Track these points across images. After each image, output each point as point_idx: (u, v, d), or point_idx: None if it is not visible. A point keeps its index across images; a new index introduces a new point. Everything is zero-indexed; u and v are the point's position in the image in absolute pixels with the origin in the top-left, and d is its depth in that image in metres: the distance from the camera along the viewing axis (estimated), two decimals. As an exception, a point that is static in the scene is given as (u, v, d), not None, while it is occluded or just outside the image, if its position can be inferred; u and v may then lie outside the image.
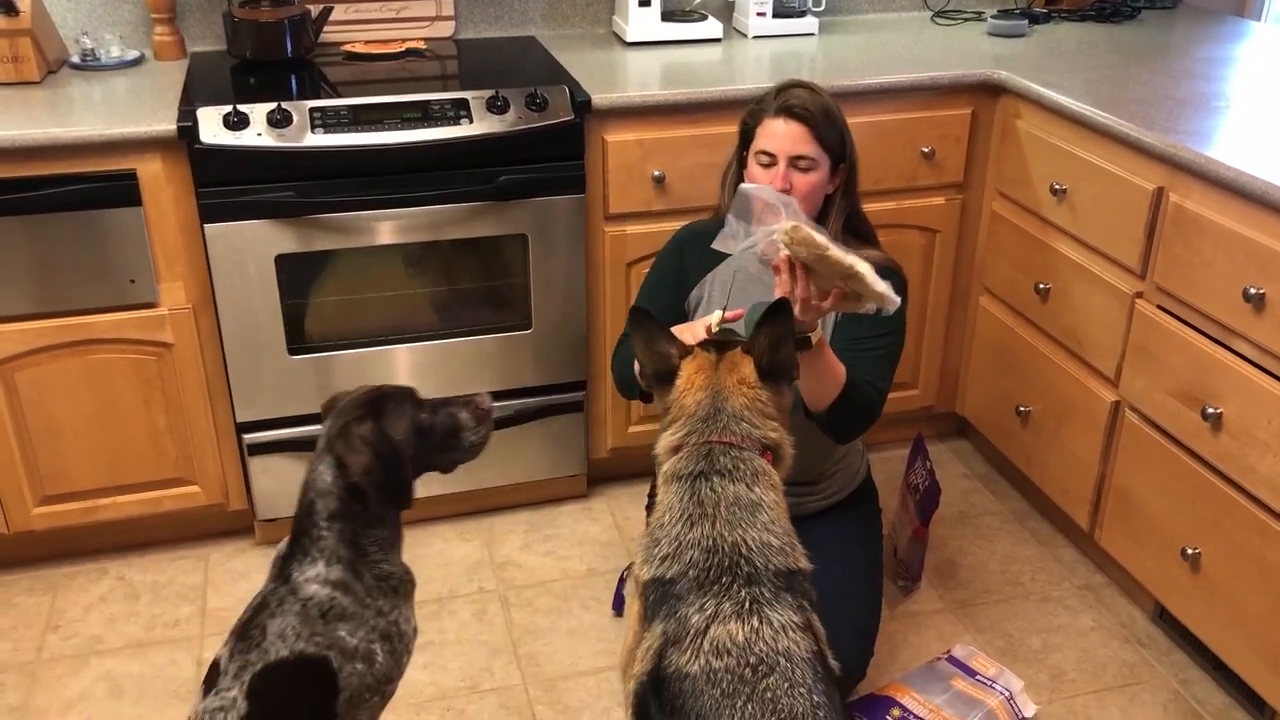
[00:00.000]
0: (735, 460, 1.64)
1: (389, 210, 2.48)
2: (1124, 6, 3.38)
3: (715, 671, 1.46)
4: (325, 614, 1.65)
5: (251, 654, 1.63)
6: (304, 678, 1.63)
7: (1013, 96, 2.72)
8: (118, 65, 2.73)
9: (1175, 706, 2.32)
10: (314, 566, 1.66)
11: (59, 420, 2.50)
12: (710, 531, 1.58)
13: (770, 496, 1.63)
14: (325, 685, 1.65)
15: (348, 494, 1.66)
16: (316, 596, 1.65)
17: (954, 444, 3.21)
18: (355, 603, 1.67)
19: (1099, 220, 2.46)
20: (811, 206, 2.12)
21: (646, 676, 1.53)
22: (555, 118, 2.51)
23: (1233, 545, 2.16)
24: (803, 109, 2.07)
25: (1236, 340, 2.12)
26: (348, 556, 1.67)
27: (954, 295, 2.98)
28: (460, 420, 1.77)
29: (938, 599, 2.62)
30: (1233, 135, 2.31)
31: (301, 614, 1.64)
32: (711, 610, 1.51)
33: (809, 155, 2.07)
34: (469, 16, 3.08)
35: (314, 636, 1.64)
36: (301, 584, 1.66)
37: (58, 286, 2.40)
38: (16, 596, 2.61)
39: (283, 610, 1.65)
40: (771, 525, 1.60)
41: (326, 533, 1.66)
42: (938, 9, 3.38)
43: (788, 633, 1.50)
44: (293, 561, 1.68)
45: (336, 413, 1.71)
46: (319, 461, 1.68)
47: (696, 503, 1.61)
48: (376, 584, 1.70)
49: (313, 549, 1.67)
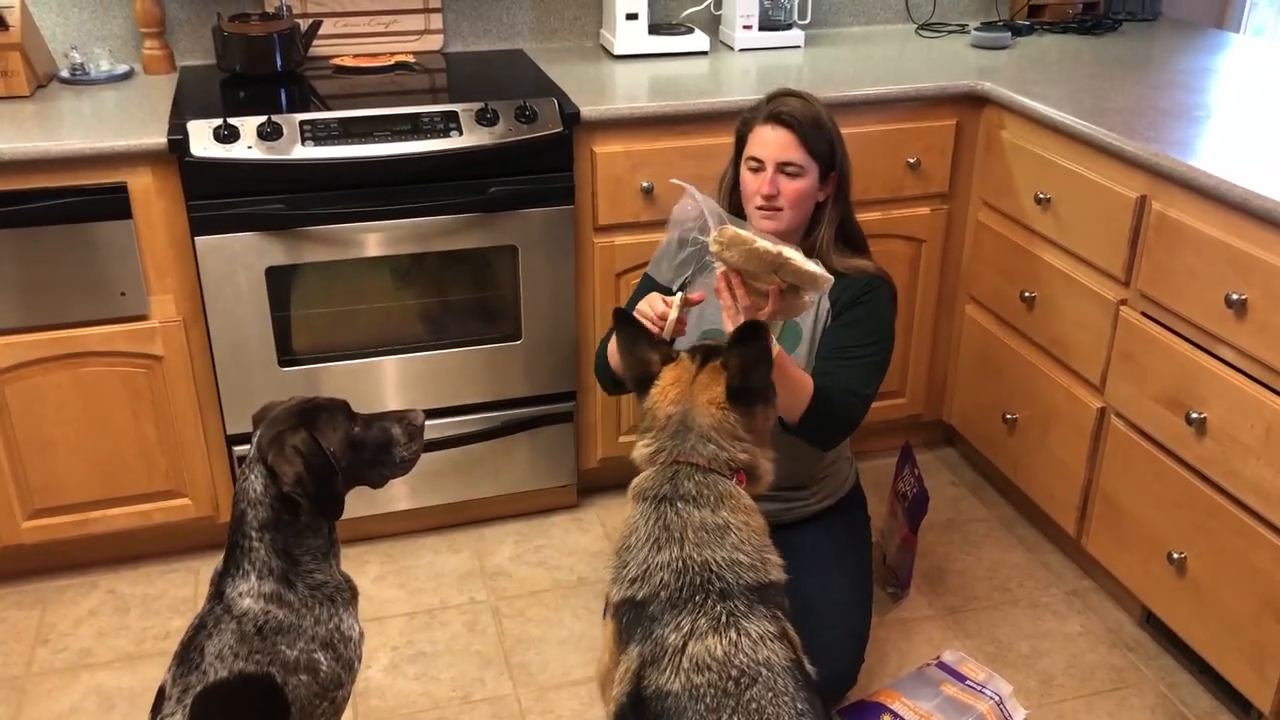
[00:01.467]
0: (700, 485, 1.64)
1: (379, 222, 2.49)
2: (1106, 18, 3.42)
3: (698, 687, 1.47)
4: (260, 629, 1.64)
5: (192, 676, 1.62)
6: (248, 697, 1.62)
7: (996, 107, 2.75)
8: (107, 79, 2.74)
9: (1163, 710, 2.34)
10: (245, 580, 1.65)
11: (49, 433, 2.50)
12: (679, 554, 1.59)
13: (738, 519, 1.63)
14: (272, 701, 1.64)
15: (279, 503, 1.65)
16: (251, 612, 1.64)
17: (941, 452, 3.23)
18: (291, 614, 1.66)
19: (1083, 229, 2.48)
20: (800, 213, 2.15)
21: (626, 698, 1.54)
22: (544, 130, 2.53)
23: (1218, 549, 2.18)
24: (791, 117, 2.10)
25: (1219, 346, 2.15)
26: (280, 568, 1.66)
27: (940, 304, 3.00)
28: (393, 435, 1.76)
29: (927, 605, 2.64)
30: (1214, 144, 2.34)
31: (238, 632, 1.63)
32: (688, 627, 1.53)
33: (796, 162, 2.10)
34: (457, 30, 3.09)
35: (253, 655, 1.63)
36: (235, 599, 1.65)
37: (48, 299, 2.40)
38: (6, 610, 2.60)
39: (219, 630, 1.64)
40: (741, 545, 1.61)
41: (258, 544, 1.65)
42: (922, 21, 3.41)
43: (766, 643, 1.52)
44: (226, 577, 1.67)
45: (269, 421, 1.70)
46: (250, 470, 1.67)
47: (662, 527, 1.62)
48: (311, 593, 1.69)
49: (244, 561, 1.66)
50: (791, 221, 2.15)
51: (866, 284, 2.17)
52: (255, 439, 1.69)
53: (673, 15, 3.20)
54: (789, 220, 2.15)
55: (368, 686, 2.38)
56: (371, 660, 2.45)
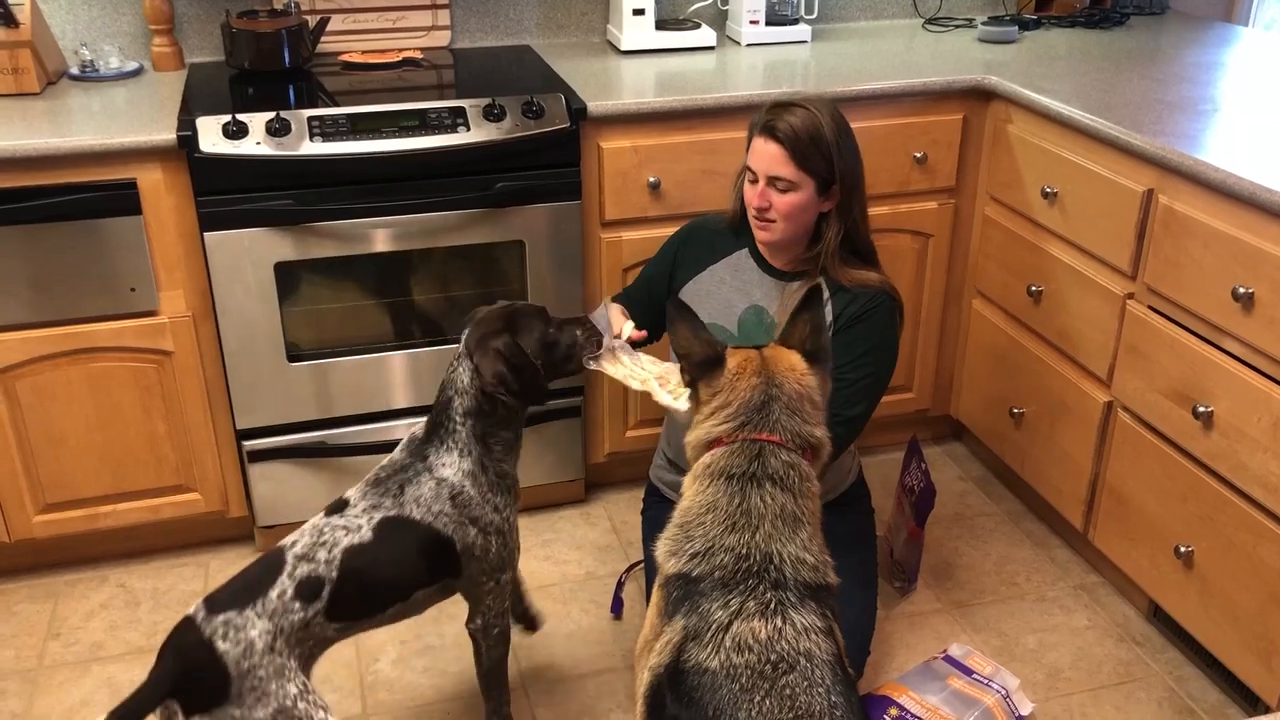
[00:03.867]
0: (785, 466, 1.61)
1: (387, 218, 2.50)
2: (1113, 12, 3.41)
3: (735, 667, 1.46)
4: (455, 498, 1.89)
5: (386, 500, 1.87)
6: (431, 546, 1.87)
7: (1004, 101, 2.75)
8: (117, 76, 2.76)
9: (1170, 703, 2.34)
10: (450, 454, 1.90)
11: (60, 428, 2.51)
12: (748, 540, 1.56)
13: (810, 507, 1.62)
14: (446, 560, 1.90)
15: (482, 395, 1.88)
16: (450, 480, 1.89)
17: (949, 446, 3.24)
18: (479, 495, 1.91)
19: (1090, 223, 2.48)
20: (795, 225, 2.13)
21: (664, 669, 1.53)
22: (551, 125, 2.53)
23: (1225, 542, 2.18)
24: (783, 132, 2.05)
25: (1226, 339, 2.15)
26: (478, 452, 1.91)
27: (947, 299, 3.01)
28: (577, 338, 1.98)
29: (934, 599, 2.64)
30: (1221, 138, 2.34)
31: (436, 490, 1.88)
32: (736, 606, 1.51)
33: (786, 177, 2.07)
34: (465, 26, 3.10)
35: (442, 514, 1.88)
36: (438, 466, 1.90)
37: (58, 295, 2.41)
38: (18, 604, 2.62)
39: (419, 481, 1.89)
40: (809, 543, 1.59)
41: (460, 427, 1.90)
42: (929, 16, 3.41)
43: (810, 635, 1.50)
44: (429, 446, 1.92)
45: (476, 323, 1.93)
46: (458, 364, 1.92)
47: (744, 511, 1.58)
48: (497, 481, 1.94)
49: (449, 439, 1.90)
50: (785, 233, 2.14)
51: (869, 299, 2.15)
52: (464, 338, 1.93)
53: (679, 10, 3.21)
54: (783, 232, 2.14)
55: (376, 679, 2.40)
56: (379, 654, 2.47)
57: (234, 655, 1.67)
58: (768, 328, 2.21)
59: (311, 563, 1.78)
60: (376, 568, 1.82)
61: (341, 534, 1.82)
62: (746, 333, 2.23)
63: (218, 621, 1.69)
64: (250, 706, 1.66)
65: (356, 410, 2.66)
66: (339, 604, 1.78)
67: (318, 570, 1.78)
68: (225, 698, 1.65)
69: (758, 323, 2.22)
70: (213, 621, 1.69)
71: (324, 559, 1.79)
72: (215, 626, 1.69)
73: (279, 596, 1.73)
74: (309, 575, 1.77)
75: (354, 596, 1.80)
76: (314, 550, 1.79)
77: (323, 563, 1.78)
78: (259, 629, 1.70)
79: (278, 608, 1.72)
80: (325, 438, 2.66)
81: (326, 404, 2.63)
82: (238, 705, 1.66)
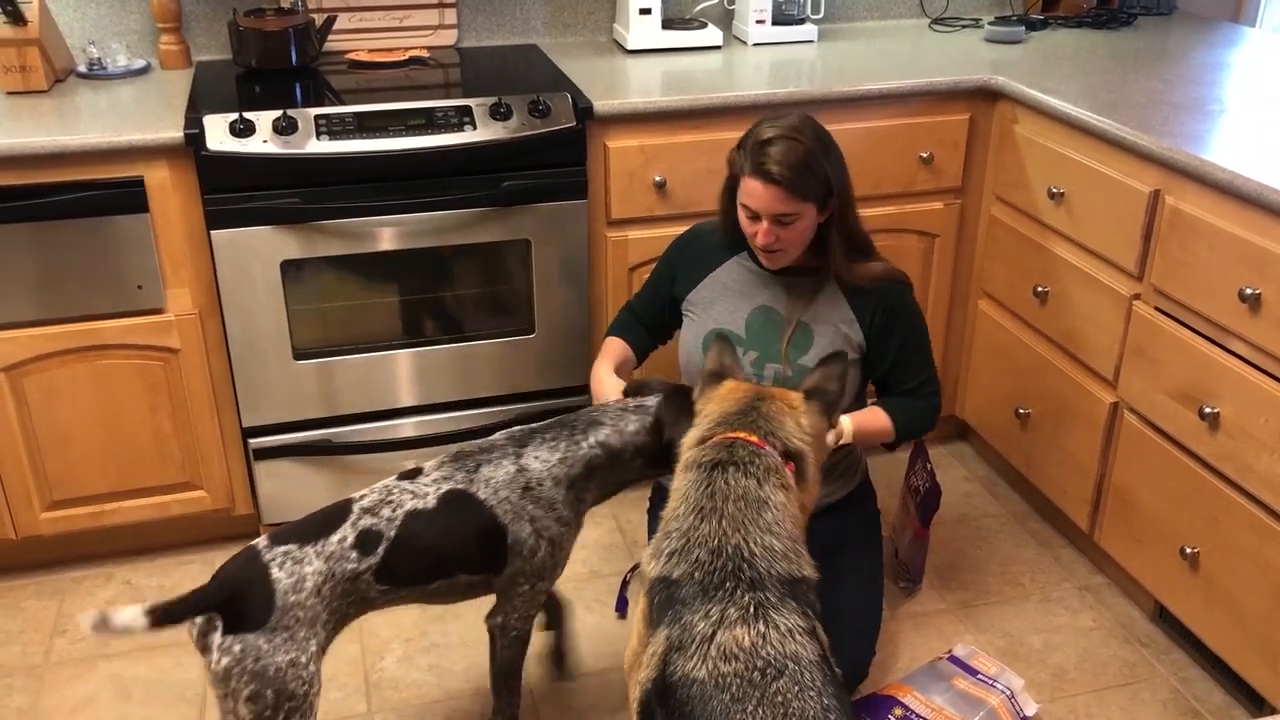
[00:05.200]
0: (752, 455, 1.66)
1: (393, 216, 2.50)
2: (1120, 13, 3.41)
3: (724, 676, 1.46)
4: (527, 489, 1.90)
5: (459, 475, 1.90)
6: (485, 531, 1.89)
7: (1010, 102, 2.75)
8: (124, 74, 2.76)
9: (1175, 705, 2.34)
10: (550, 454, 1.93)
11: (66, 425, 2.52)
12: (716, 529, 1.59)
13: (778, 497, 1.64)
14: (496, 548, 1.91)
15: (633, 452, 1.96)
16: (531, 469, 1.91)
17: (954, 447, 3.23)
18: (550, 497, 1.92)
19: (1096, 223, 2.48)
20: (802, 245, 2.15)
21: (651, 684, 1.53)
22: (558, 124, 2.54)
23: (1231, 544, 2.18)
24: (777, 172, 2.02)
25: (1233, 340, 2.15)
26: (578, 474, 1.94)
27: (953, 299, 3.00)
28: None
29: (939, 599, 2.64)
30: (1228, 138, 2.33)
31: (512, 477, 1.90)
32: (717, 616, 1.52)
33: (789, 213, 2.06)
34: (471, 25, 3.10)
35: (504, 502, 1.89)
36: (529, 455, 1.93)
37: (65, 292, 2.42)
38: (25, 601, 2.63)
39: (500, 463, 1.91)
40: (775, 527, 1.61)
41: (586, 450, 1.94)
42: (935, 16, 3.41)
43: (794, 636, 1.51)
44: (534, 438, 1.96)
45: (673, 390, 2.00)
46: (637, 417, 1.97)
47: (709, 494, 1.63)
48: (575, 500, 1.96)
49: (562, 444, 1.94)
50: (793, 256, 2.16)
51: (888, 291, 2.20)
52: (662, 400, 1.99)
53: (686, 10, 3.21)
54: (793, 255, 2.16)
55: (381, 677, 2.40)
56: (385, 651, 2.47)
57: (284, 585, 1.72)
58: (778, 325, 2.21)
59: (375, 517, 1.83)
60: (432, 536, 1.86)
61: (408, 497, 1.86)
62: (755, 334, 2.23)
63: (278, 550, 1.76)
64: (275, 645, 1.70)
65: (362, 408, 2.67)
66: (390, 564, 1.82)
67: (379, 525, 1.82)
68: (263, 625, 1.70)
69: (765, 322, 2.23)
70: (274, 550, 1.76)
71: (386, 516, 1.83)
72: (275, 555, 1.75)
73: (339, 542, 1.79)
74: (370, 528, 1.81)
75: (406, 560, 1.84)
76: (379, 507, 1.85)
77: (385, 519, 1.83)
78: (314, 567, 1.75)
79: (336, 552, 1.78)
80: (331, 435, 2.66)
81: (332, 402, 2.64)
82: (268, 638, 1.70)
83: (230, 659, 1.68)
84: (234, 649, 1.68)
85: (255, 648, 1.69)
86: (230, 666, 1.68)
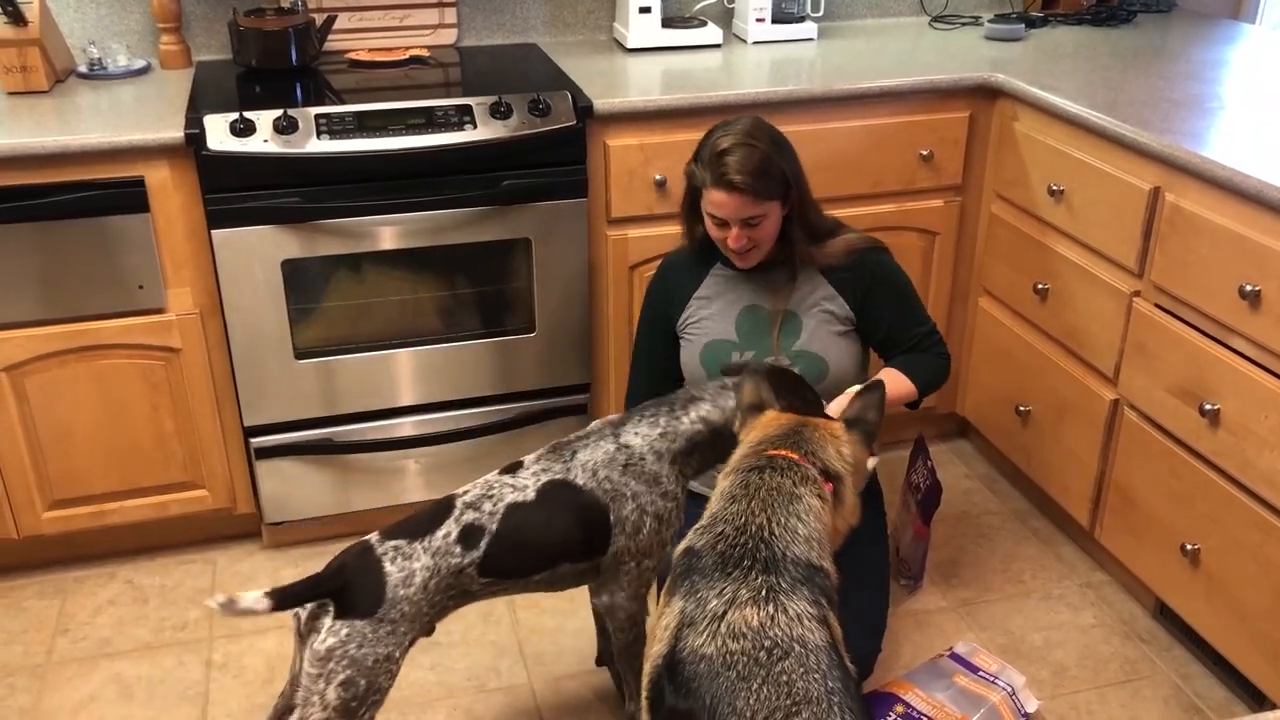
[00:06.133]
0: (791, 464, 1.69)
1: (394, 215, 2.51)
2: (1120, 10, 3.41)
3: (732, 654, 1.48)
4: (628, 464, 1.93)
5: (556, 465, 1.93)
6: (587, 514, 1.91)
7: (1010, 99, 2.75)
8: (124, 74, 2.77)
9: (1176, 701, 2.34)
10: (650, 429, 1.96)
11: (68, 425, 2.52)
12: (745, 509, 1.63)
13: (812, 501, 1.66)
14: (599, 530, 1.93)
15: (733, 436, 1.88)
16: (631, 444, 1.94)
17: (955, 444, 3.24)
18: (653, 471, 1.94)
19: (1096, 221, 2.48)
20: (771, 241, 2.18)
21: (662, 660, 1.55)
22: (558, 123, 2.54)
23: (1232, 541, 2.18)
24: (738, 180, 2.06)
25: (1233, 337, 2.15)
26: (680, 448, 1.96)
27: (954, 296, 3.01)
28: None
29: (940, 597, 2.64)
30: (1228, 136, 2.33)
31: (610, 456, 1.93)
32: (730, 595, 1.53)
33: (756, 215, 2.11)
34: (471, 24, 3.11)
35: (606, 480, 1.92)
36: (627, 433, 1.96)
37: (67, 292, 2.42)
38: (26, 600, 2.63)
39: (598, 445, 1.95)
40: (803, 515, 1.63)
41: (690, 425, 1.96)
42: (935, 13, 3.41)
43: (803, 621, 1.52)
44: (632, 418, 1.99)
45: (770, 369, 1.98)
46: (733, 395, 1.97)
47: (743, 485, 1.67)
48: (678, 476, 1.97)
49: (662, 419, 1.97)
50: (764, 252, 2.19)
51: (862, 260, 2.25)
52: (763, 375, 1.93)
53: (686, 9, 3.21)
54: (763, 253, 2.19)
55: (383, 676, 2.40)
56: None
57: (395, 579, 1.77)
58: (765, 321, 2.23)
59: (477, 511, 1.86)
60: (533, 528, 1.89)
61: (509, 490, 1.89)
62: (746, 334, 2.25)
63: (389, 545, 1.81)
64: (380, 636, 1.75)
65: (363, 407, 2.67)
66: (493, 557, 1.85)
67: (481, 520, 1.86)
68: (372, 613, 1.75)
69: (754, 321, 2.24)
70: (385, 544, 1.81)
71: (488, 510, 1.87)
72: (387, 549, 1.80)
73: (444, 537, 1.83)
74: (472, 523, 1.85)
75: (508, 553, 1.87)
76: (481, 501, 1.88)
77: (486, 514, 1.86)
78: (422, 563, 1.80)
79: (441, 547, 1.82)
80: (332, 434, 2.67)
81: (333, 401, 2.64)
82: (374, 627, 1.75)
83: (336, 640, 1.73)
84: (342, 632, 1.73)
85: (361, 634, 1.74)
86: (335, 647, 1.73)
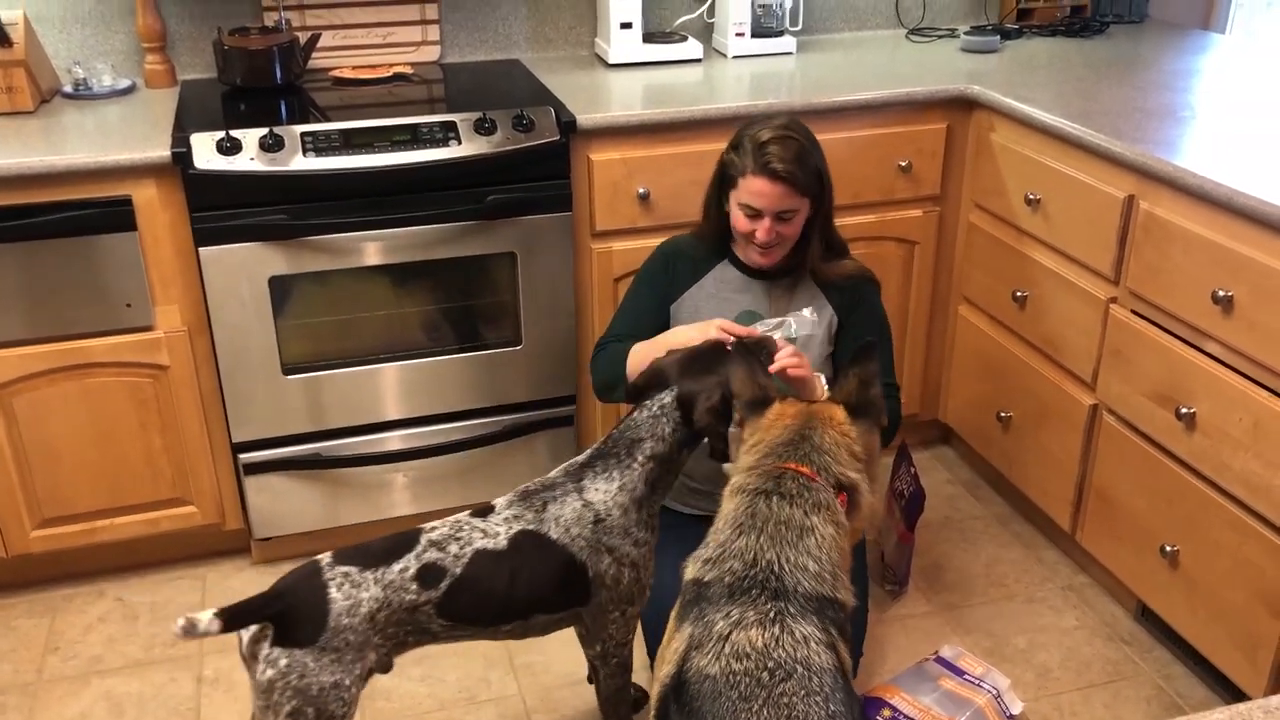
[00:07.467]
0: (801, 488, 1.64)
1: (380, 231, 2.52)
2: (1093, 21, 3.46)
3: (735, 674, 1.47)
4: (597, 521, 1.89)
5: (528, 514, 1.88)
6: (563, 569, 1.87)
7: (986, 110, 2.79)
8: (110, 94, 2.78)
9: (1158, 701, 2.37)
10: (609, 483, 1.91)
11: (56, 443, 2.53)
12: (754, 544, 1.59)
13: (826, 530, 1.62)
14: (578, 585, 1.89)
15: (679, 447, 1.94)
16: (596, 503, 1.89)
17: (937, 450, 3.27)
18: (624, 525, 1.90)
19: (1072, 228, 2.52)
20: (795, 239, 2.20)
21: (670, 680, 1.55)
22: (541, 138, 2.57)
23: (1209, 542, 2.22)
24: (783, 169, 2.09)
25: (1207, 342, 2.19)
26: (641, 493, 1.92)
27: (934, 305, 3.04)
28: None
29: (925, 602, 2.67)
30: (1200, 144, 2.38)
31: (579, 513, 1.88)
32: (736, 617, 1.53)
33: (791, 208, 2.14)
34: (454, 41, 3.13)
35: (579, 538, 1.87)
36: (590, 489, 1.91)
37: (54, 311, 2.43)
38: (16, 619, 2.63)
39: (564, 502, 1.90)
40: (814, 551, 1.60)
41: (639, 467, 1.92)
42: (912, 26, 3.45)
43: (809, 644, 1.51)
44: (589, 471, 1.93)
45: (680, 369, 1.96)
46: (664, 413, 1.93)
47: (749, 515, 1.63)
48: (647, 520, 1.94)
49: (615, 470, 1.92)
50: (787, 250, 2.22)
51: (855, 288, 2.28)
52: (676, 388, 1.94)
53: (666, 24, 3.24)
54: (786, 250, 2.22)
55: (373, 689, 2.41)
56: (378, 663, 2.48)
57: (340, 607, 1.72)
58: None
59: (441, 551, 1.80)
60: (501, 579, 1.83)
61: (478, 535, 1.84)
62: None
63: (339, 570, 1.75)
64: (322, 665, 1.70)
65: (351, 422, 2.68)
66: (453, 602, 1.80)
67: (444, 561, 1.80)
68: (312, 642, 1.69)
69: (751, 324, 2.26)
70: (335, 569, 1.75)
71: (454, 553, 1.81)
72: (335, 575, 1.74)
73: (400, 571, 1.77)
74: (435, 562, 1.79)
75: (470, 600, 1.81)
76: (447, 542, 1.82)
77: (451, 556, 1.81)
78: (371, 593, 1.74)
79: (396, 581, 1.76)
80: (320, 450, 2.68)
81: (321, 416, 2.65)
82: (315, 656, 1.69)
83: (275, 672, 1.68)
84: (280, 663, 1.68)
85: (302, 664, 1.69)
86: (275, 679, 1.68)
